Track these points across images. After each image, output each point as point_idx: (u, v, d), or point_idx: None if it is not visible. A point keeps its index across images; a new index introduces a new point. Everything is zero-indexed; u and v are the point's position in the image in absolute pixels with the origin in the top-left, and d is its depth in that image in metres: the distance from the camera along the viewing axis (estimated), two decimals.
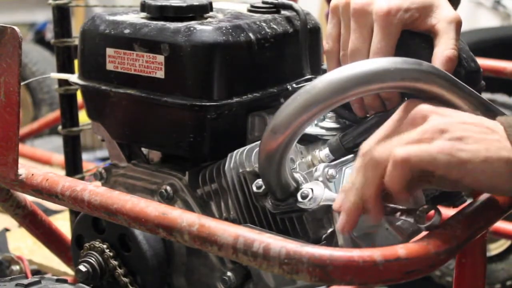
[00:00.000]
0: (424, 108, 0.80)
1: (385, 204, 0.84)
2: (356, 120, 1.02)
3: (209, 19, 1.08)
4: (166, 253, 1.10)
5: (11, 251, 1.80)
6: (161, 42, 1.03)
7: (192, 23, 1.05)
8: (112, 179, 1.17)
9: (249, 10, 1.15)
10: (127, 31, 1.07)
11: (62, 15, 1.44)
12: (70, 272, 1.54)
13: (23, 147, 2.55)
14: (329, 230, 0.97)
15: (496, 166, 0.76)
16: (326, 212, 0.95)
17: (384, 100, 0.97)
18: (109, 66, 1.09)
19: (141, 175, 1.13)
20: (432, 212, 0.80)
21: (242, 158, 1.00)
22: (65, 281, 1.05)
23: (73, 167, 1.46)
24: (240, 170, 1.00)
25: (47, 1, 1.44)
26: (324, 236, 0.97)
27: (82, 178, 1.45)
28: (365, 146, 0.80)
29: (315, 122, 1.03)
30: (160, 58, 1.04)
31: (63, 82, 1.43)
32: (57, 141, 2.89)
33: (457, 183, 0.77)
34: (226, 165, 1.02)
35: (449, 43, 0.94)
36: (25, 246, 1.89)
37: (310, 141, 1.03)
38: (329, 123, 1.03)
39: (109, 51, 1.09)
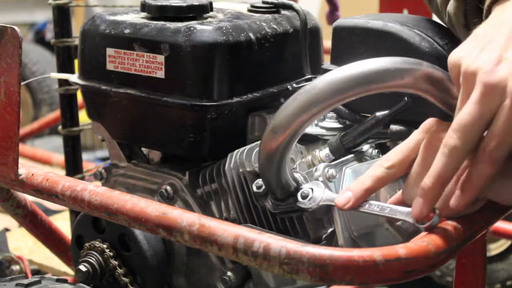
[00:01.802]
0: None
1: (385, 205, 0.84)
2: (356, 120, 1.02)
3: (209, 19, 1.09)
4: (166, 253, 1.10)
5: (11, 251, 1.80)
6: (161, 42, 1.03)
7: (192, 23, 1.05)
8: (112, 179, 1.17)
9: (249, 10, 1.15)
10: (127, 31, 1.07)
11: (62, 15, 1.44)
12: (70, 272, 1.54)
13: (23, 147, 2.55)
14: (329, 230, 0.97)
15: None
16: (326, 212, 0.95)
17: None
18: (109, 66, 1.09)
19: (141, 175, 1.13)
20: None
21: (242, 158, 1.00)
22: (65, 281, 1.05)
23: (73, 167, 1.46)
24: (240, 170, 1.00)
25: (47, 1, 1.44)
26: (324, 236, 0.97)
27: (82, 178, 1.45)
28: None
29: (315, 122, 1.03)
30: (160, 58, 1.04)
31: (63, 82, 1.43)
32: (57, 141, 2.89)
33: None
34: (226, 165, 1.02)
35: None
36: (25, 246, 1.89)
37: (310, 141, 1.03)
38: (329, 123, 1.03)
39: (109, 51, 1.09)
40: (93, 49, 1.11)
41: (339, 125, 1.03)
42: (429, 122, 0.84)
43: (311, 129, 1.03)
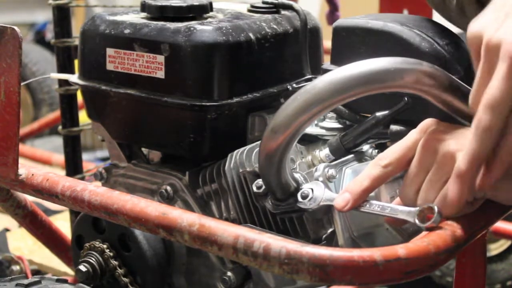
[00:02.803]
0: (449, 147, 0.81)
1: (386, 204, 0.84)
2: (356, 120, 1.02)
3: (209, 19, 1.09)
4: (166, 253, 1.10)
5: (11, 251, 1.80)
6: (161, 42, 1.03)
7: (192, 23, 1.05)
8: (112, 179, 1.17)
9: (249, 10, 1.15)
10: (127, 31, 1.07)
11: (62, 15, 1.44)
12: (70, 272, 1.54)
13: (23, 147, 2.54)
14: (329, 230, 0.97)
15: None
16: (326, 212, 0.95)
17: None
18: (109, 66, 1.09)
19: (141, 175, 1.13)
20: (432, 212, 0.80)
21: (242, 158, 1.00)
22: (65, 281, 1.04)
23: (73, 167, 1.46)
24: (240, 170, 1.00)
25: (47, 1, 1.44)
26: (324, 236, 0.97)
27: (82, 178, 1.45)
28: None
29: (315, 122, 1.03)
30: (160, 58, 1.04)
31: (63, 82, 1.43)
32: (57, 141, 2.89)
33: None
34: (226, 165, 1.02)
35: None
36: (25, 246, 1.89)
37: (310, 141, 1.03)
38: (329, 123, 1.03)
39: (109, 51, 1.09)
40: (93, 49, 1.11)
41: (339, 125, 1.03)
42: (427, 122, 0.84)
43: (311, 129, 1.03)
